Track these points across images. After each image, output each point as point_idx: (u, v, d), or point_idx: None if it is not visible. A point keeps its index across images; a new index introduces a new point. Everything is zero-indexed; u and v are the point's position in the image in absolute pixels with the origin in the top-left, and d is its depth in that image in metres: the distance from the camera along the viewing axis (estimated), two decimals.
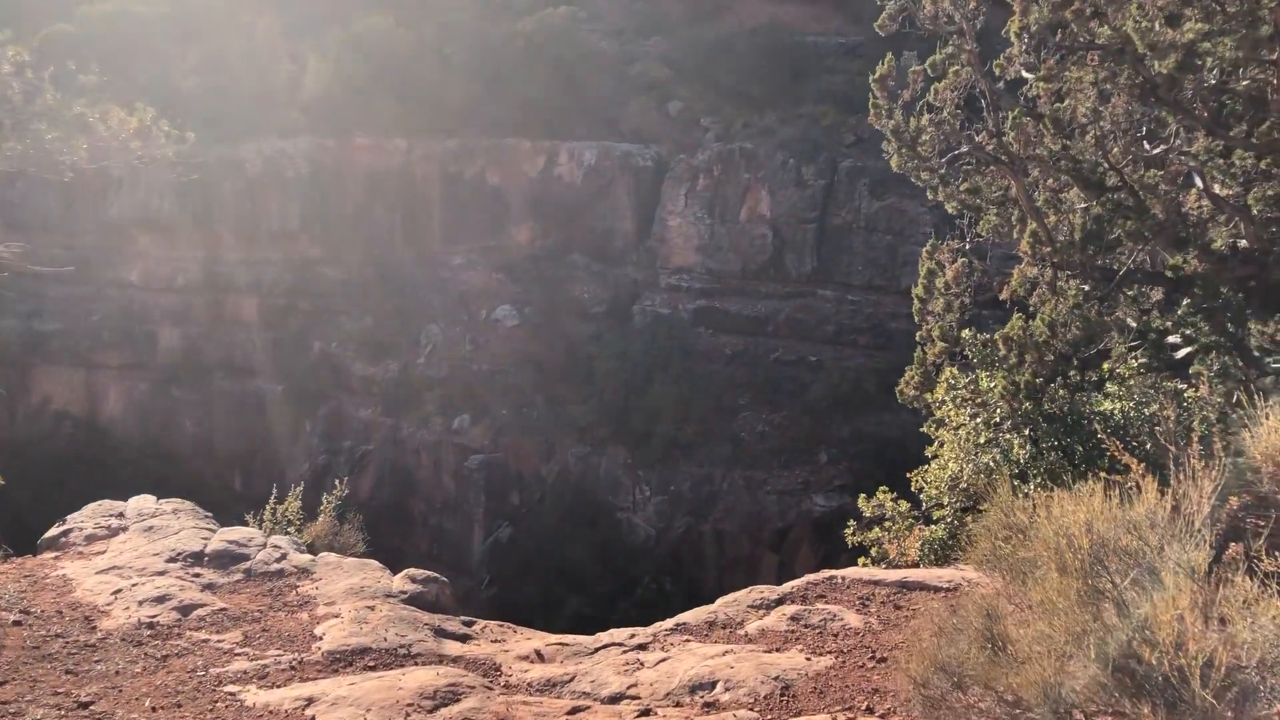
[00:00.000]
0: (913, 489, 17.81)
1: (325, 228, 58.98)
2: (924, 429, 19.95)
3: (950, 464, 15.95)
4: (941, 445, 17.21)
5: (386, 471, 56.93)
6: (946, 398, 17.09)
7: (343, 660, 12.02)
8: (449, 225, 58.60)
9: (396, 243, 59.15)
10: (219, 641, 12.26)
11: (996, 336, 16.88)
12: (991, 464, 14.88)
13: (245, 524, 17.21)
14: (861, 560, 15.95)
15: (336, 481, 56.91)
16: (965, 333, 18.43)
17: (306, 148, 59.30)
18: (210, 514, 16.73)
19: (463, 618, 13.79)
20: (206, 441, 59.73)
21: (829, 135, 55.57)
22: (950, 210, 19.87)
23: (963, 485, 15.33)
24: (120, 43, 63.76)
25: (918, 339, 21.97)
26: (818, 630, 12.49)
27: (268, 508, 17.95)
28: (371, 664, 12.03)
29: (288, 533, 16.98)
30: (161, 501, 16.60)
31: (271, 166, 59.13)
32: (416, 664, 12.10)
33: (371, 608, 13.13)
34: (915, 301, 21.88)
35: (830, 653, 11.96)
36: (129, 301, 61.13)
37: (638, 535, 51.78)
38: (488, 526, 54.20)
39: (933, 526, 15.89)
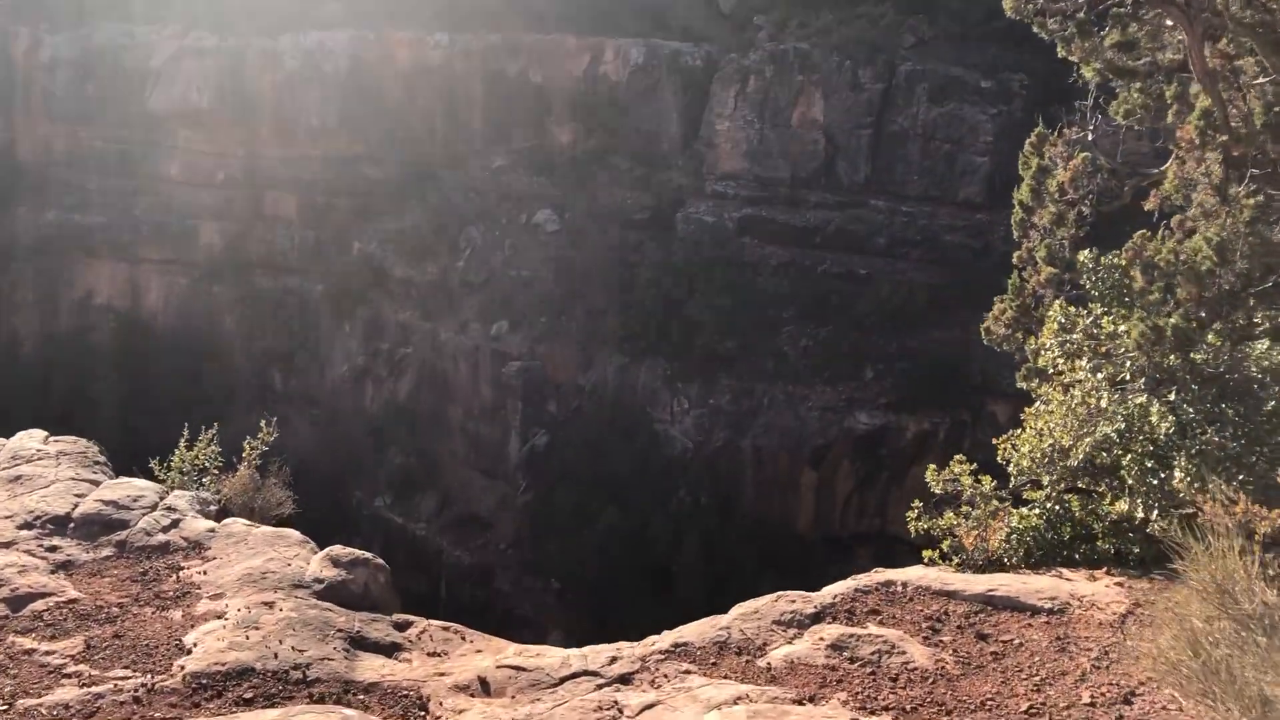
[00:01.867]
0: (999, 458, 13.19)
1: (365, 125, 54.68)
2: (1020, 382, 15.30)
3: (1056, 432, 11.67)
4: (1045, 405, 12.74)
5: (425, 376, 53.60)
6: (1053, 343, 12.55)
7: (209, 689, 8.28)
8: (490, 125, 54.06)
9: (437, 142, 54.80)
10: (48, 654, 8.57)
11: (1131, 261, 12.35)
12: (1114, 436, 10.73)
13: (153, 476, 13.37)
14: (927, 555, 11.80)
15: (372, 386, 53.19)
16: (1083, 255, 13.57)
17: (346, 42, 54.76)
18: (104, 460, 12.93)
19: (397, 616, 9.99)
20: (246, 339, 56.70)
21: (888, 36, 49.82)
22: (1089, 76, 14.91)
23: (1074, 463, 11.17)
24: None
25: (1015, 261, 16.83)
26: (869, 668, 8.51)
27: (176, 453, 14.08)
28: (248, 695, 8.28)
29: (200, 485, 13.24)
30: (51, 440, 12.84)
31: (310, 60, 54.78)
32: (310, 697, 8.33)
33: (270, 604, 9.35)
34: (1016, 210, 16.65)
35: (888, 710, 7.99)
36: (170, 196, 57.69)
37: (675, 448, 48.07)
38: (524, 434, 50.81)
39: (1025, 511, 11.55)
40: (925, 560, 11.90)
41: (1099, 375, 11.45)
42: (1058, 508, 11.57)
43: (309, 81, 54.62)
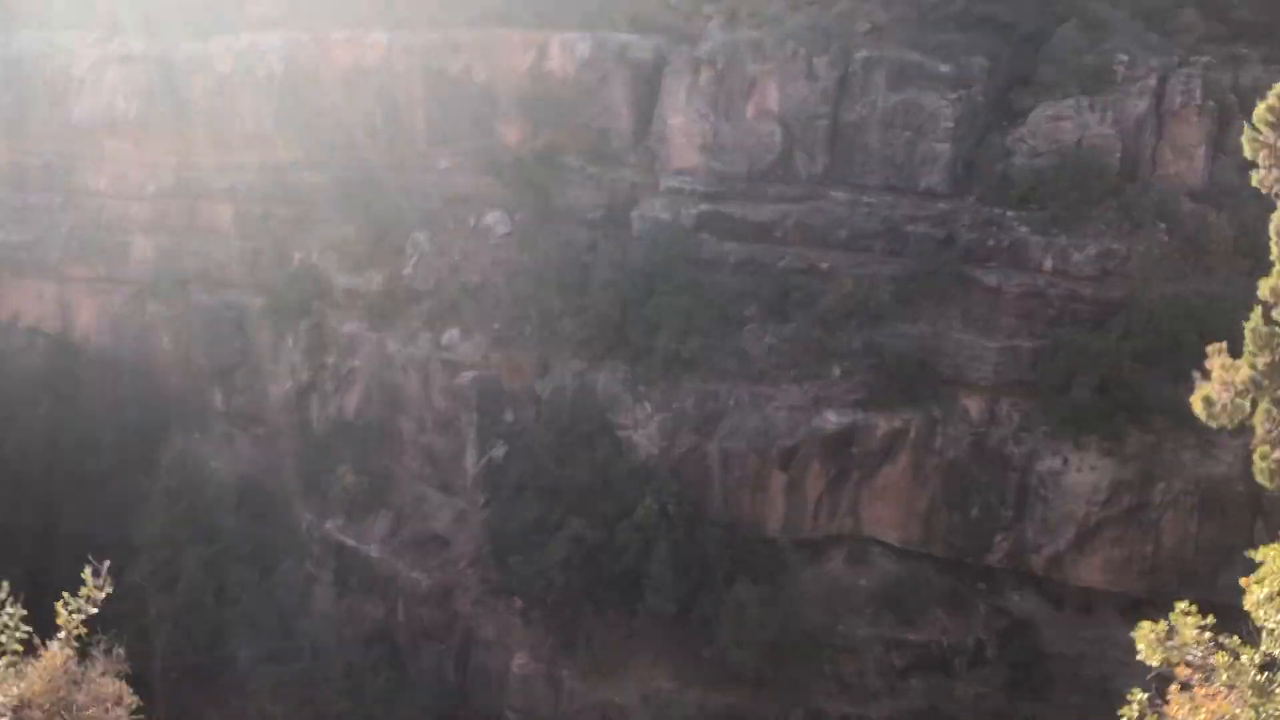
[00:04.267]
0: (1247, 605, 9.36)
1: (302, 129, 53.06)
2: (1266, 479, 11.54)
3: None
4: None
5: (374, 388, 52.01)
6: None
7: None
8: (434, 125, 52.65)
9: (378, 145, 53.27)
10: None
11: None
12: None
13: None
14: None
15: (318, 401, 51.59)
16: None
17: (280, 43, 53.10)
18: None
19: None
20: (185, 357, 54.87)
21: (842, 23, 49.15)
22: None
23: None
24: None
25: (1267, 295, 12.29)
26: None
27: None
28: None
29: None
30: None
31: (243, 63, 53.06)
32: None
33: None
34: None
35: None
36: (99, 210, 55.70)
37: (638, 454, 46.94)
38: (481, 446, 49.46)
39: None
40: None
41: None
42: None
43: (242, 86, 52.92)
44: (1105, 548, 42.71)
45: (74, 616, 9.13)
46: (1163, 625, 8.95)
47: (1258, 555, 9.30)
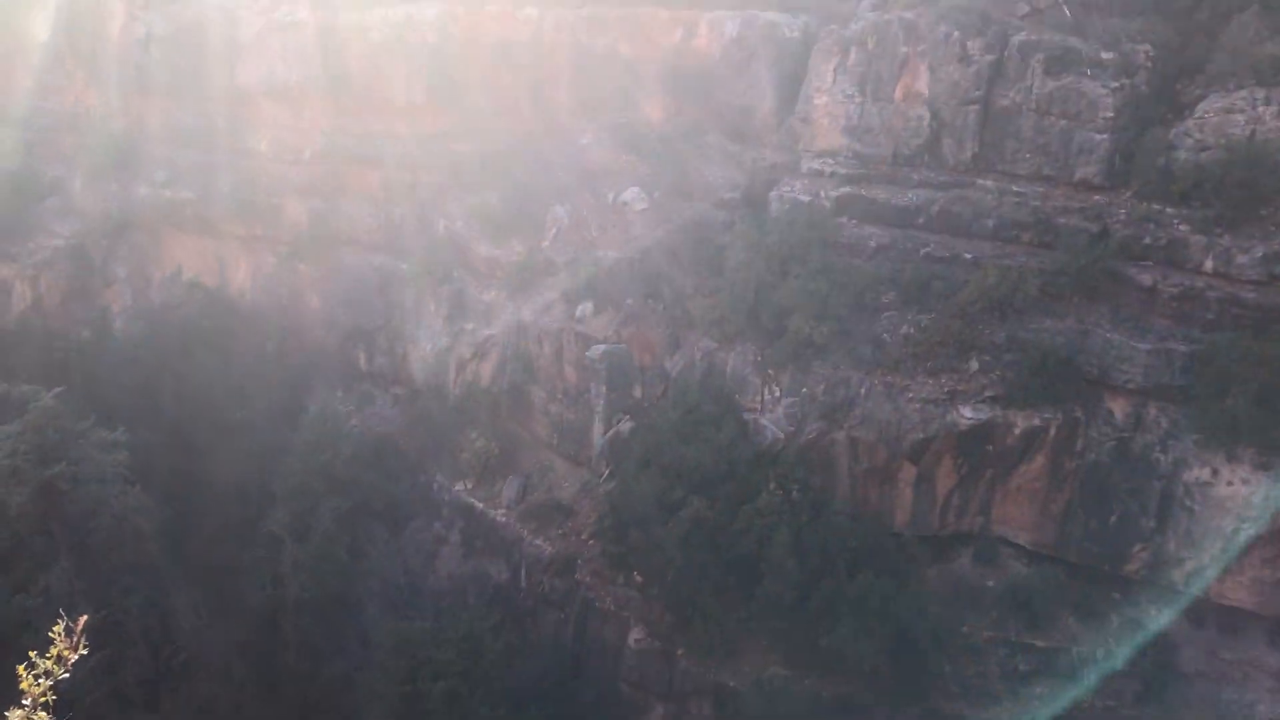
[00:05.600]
0: None
1: (451, 100, 54.04)
2: None
3: None
4: None
5: (508, 357, 52.87)
6: None
7: None
8: (579, 99, 52.93)
9: (524, 117, 53.87)
10: None
11: None
12: None
13: None
14: None
15: (455, 367, 52.64)
16: None
17: (434, 15, 54.14)
18: None
19: None
20: (331, 316, 56.76)
21: (1000, 4, 47.13)
22: None
23: None
24: None
25: None
26: None
27: None
28: None
29: None
30: None
31: (398, 33, 54.33)
32: None
33: None
34: None
35: None
36: (257, 172, 58.02)
37: (764, 438, 46.45)
38: (608, 419, 49.85)
39: None
40: None
41: None
42: None
43: (396, 55, 54.23)
44: (1255, 567, 40.32)
45: (41, 682, 7.66)
46: None
47: None
